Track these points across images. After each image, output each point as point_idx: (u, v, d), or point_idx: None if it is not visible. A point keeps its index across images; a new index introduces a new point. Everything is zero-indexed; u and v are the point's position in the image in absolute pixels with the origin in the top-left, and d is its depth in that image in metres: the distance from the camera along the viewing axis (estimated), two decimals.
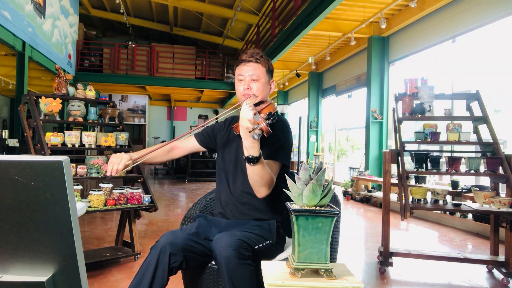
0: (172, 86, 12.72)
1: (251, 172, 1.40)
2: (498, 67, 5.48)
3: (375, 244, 3.80)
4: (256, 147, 1.33)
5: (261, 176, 1.40)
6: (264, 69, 1.61)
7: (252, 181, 1.44)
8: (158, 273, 1.33)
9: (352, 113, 9.47)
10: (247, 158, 1.35)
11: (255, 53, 1.62)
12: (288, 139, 1.61)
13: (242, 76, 1.60)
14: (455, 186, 4.55)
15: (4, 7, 6.21)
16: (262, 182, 1.42)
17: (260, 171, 1.39)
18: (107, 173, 1.50)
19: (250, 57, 1.60)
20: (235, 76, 1.66)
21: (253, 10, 11.01)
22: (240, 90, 1.60)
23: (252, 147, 1.33)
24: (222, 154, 1.71)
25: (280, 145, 1.56)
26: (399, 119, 3.04)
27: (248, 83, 1.59)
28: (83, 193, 4.44)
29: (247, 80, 1.59)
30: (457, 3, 5.56)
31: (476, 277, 2.89)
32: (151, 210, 2.98)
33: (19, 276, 0.68)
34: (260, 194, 1.46)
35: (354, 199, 7.04)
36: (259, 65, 1.60)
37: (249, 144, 1.32)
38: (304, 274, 1.11)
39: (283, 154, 1.57)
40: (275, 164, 1.54)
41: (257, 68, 1.60)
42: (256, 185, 1.44)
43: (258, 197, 1.48)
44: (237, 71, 1.64)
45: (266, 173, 1.41)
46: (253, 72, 1.59)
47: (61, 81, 3.00)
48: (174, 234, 1.43)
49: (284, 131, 1.60)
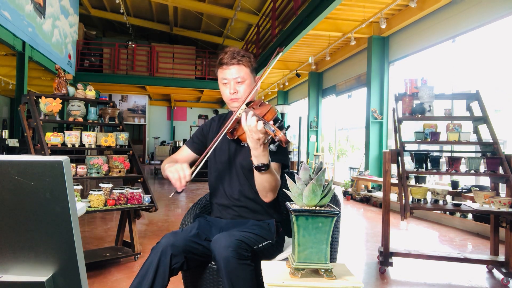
0: (172, 86, 12.73)
1: (261, 180, 1.39)
2: (498, 67, 5.48)
3: (375, 244, 3.80)
4: (266, 155, 1.32)
5: (270, 182, 1.39)
6: (248, 70, 1.56)
7: (260, 187, 1.43)
8: (159, 274, 1.33)
9: (352, 113, 9.47)
10: (258, 167, 1.33)
11: (235, 53, 1.54)
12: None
13: (226, 80, 1.55)
14: (455, 186, 4.55)
15: (4, 7, 6.21)
16: (270, 187, 1.41)
17: (269, 178, 1.38)
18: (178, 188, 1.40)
19: (232, 58, 1.53)
20: (219, 79, 1.59)
21: (253, 10, 11.01)
22: (227, 95, 1.56)
23: (262, 156, 1.31)
24: (213, 154, 1.64)
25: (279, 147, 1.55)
26: (399, 119, 3.04)
27: (234, 87, 1.54)
28: (83, 193, 4.44)
29: (232, 84, 1.54)
30: (457, 3, 5.56)
31: (476, 277, 2.89)
32: (151, 210, 2.98)
33: (19, 276, 0.68)
34: (267, 199, 1.47)
35: (354, 199, 7.04)
36: (242, 66, 1.54)
37: (259, 153, 1.30)
38: (304, 274, 1.11)
39: (282, 154, 1.55)
40: (277, 166, 1.54)
41: (241, 69, 1.54)
42: (264, 191, 1.43)
43: (265, 201, 1.48)
44: (219, 74, 1.58)
45: (275, 179, 1.41)
46: (237, 74, 1.53)
47: (61, 81, 3.00)
48: (175, 236, 1.42)
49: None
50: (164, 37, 15.65)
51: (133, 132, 17.33)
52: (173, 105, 17.92)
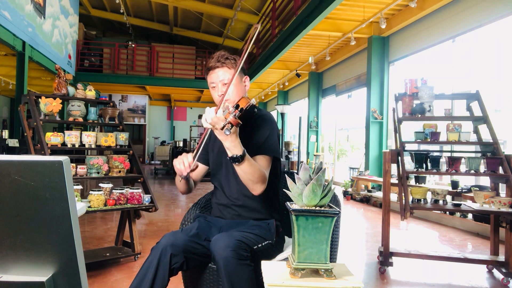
0: (172, 86, 12.73)
1: (240, 171, 1.40)
2: (498, 67, 5.48)
3: (375, 244, 3.80)
4: (238, 146, 1.34)
5: (251, 173, 1.39)
6: (233, 70, 1.58)
7: (244, 180, 1.43)
8: (159, 274, 1.34)
9: (352, 113, 9.47)
10: (232, 158, 1.35)
11: (220, 56, 1.59)
12: (273, 131, 1.57)
13: (214, 84, 1.59)
14: (455, 186, 4.55)
15: (4, 7, 6.21)
16: (254, 179, 1.41)
17: (248, 169, 1.38)
18: (183, 172, 1.52)
19: (216, 62, 1.58)
20: (208, 85, 1.64)
21: (253, 10, 11.01)
22: (216, 97, 1.59)
23: (233, 146, 1.34)
24: (212, 159, 1.70)
25: (265, 138, 1.54)
26: (399, 119, 3.04)
27: (221, 89, 1.57)
28: (83, 193, 4.44)
29: (219, 87, 1.58)
30: (457, 3, 5.56)
31: (476, 277, 2.89)
32: (151, 210, 2.98)
33: (19, 276, 0.68)
34: (256, 192, 1.45)
35: (354, 199, 7.04)
36: (226, 67, 1.58)
37: (229, 144, 1.33)
38: (304, 274, 1.11)
39: (270, 147, 1.54)
40: (265, 159, 1.52)
41: (226, 71, 1.58)
42: (248, 183, 1.43)
43: (254, 194, 1.47)
44: (208, 79, 1.62)
45: (256, 169, 1.40)
46: (222, 76, 1.57)
47: (61, 81, 3.00)
48: (175, 235, 1.42)
49: (267, 124, 1.58)
50: (164, 37, 15.65)
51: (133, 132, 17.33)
52: (173, 105, 17.92)
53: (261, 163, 1.49)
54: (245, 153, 1.36)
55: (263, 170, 1.45)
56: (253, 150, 1.49)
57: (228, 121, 1.28)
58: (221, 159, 1.63)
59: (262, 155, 1.52)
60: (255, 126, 1.58)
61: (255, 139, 1.53)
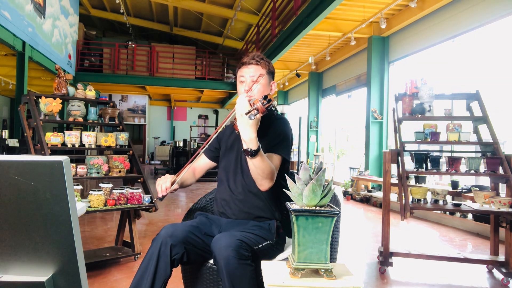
0: (172, 86, 12.72)
1: (252, 165, 1.43)
2: (498, 67, 5.48)
3: (375, 244, 3.80)
4: (254, 140, 1.37)
5: (262, 169, 1.42)
6: (265, 71, 1.66)
7: (253, 174, 1.46)
8: (161, 265, 1.36)
9: (352, 113, 9.47)
10: (246, 151, 1.38)
11: (256, 55, 1.67)
12: (288, 134, 1.64)
13: (244, 78, 1.65)
14: (455, 186, 4.55)
15: (4, 7, 6.21)
16: (263, 175, 1.44)
17: (260, 164, 1.41)
18: (159, 194, 1.55)
19: (251, 59, 1.65)
20: (237, 78, 1.71)
21: (253, 10, 11.01)
22: (242, 91, 1.64)
23: (250, 139, 1.36)
24: (224, 155, 1.74)
25: (280, 139, 1.59)
26: (399, 119, 3.04)
27: (249, 84, 1.63)
28: (83, 193, 4.44)
29: (248, 82, 1.64)
30: (457, 3, 5.56)
31: (476, 277, 2.89)
32: (151, 210, 2.98)
33: (19, 276, 0.68)
34: (263, 187, 1.49)
35: (354, 199, 7.04)
36: (259, 66, 1.65)
37: (248, 135, 1.36)
38: (304, 274, 1.11)
39: (283, 147, 1.59)
40: (276, 157, 1.56)
41: (258, 69, 1.65)
42: (258, 178, 1.46)
43: (261, 189, 1.50)
44: (238, 73, 1.69)
45: (267, 165, 1.43)
46: (253, 73, 1.64)
47: (61, 81, 3.00)
48: (174, 226, 1.47)
49: (284, 126, 1.64)
50: (164, 37, 15.65)
51: (133, 132, 17.34)
52: (173, 105, 17.92)
53: (272, 160, 1.53)
54: (260, 148, 1.39)
55: (273, 167, 1.48)
56: (267, 147, 1.54)
57: (255, 107, 1.34)
58: (237, 155, 1.67)
59: (275, 153, 1.56)
60: (274, 125, 1.63)
61: (271, 137, 1.58)
